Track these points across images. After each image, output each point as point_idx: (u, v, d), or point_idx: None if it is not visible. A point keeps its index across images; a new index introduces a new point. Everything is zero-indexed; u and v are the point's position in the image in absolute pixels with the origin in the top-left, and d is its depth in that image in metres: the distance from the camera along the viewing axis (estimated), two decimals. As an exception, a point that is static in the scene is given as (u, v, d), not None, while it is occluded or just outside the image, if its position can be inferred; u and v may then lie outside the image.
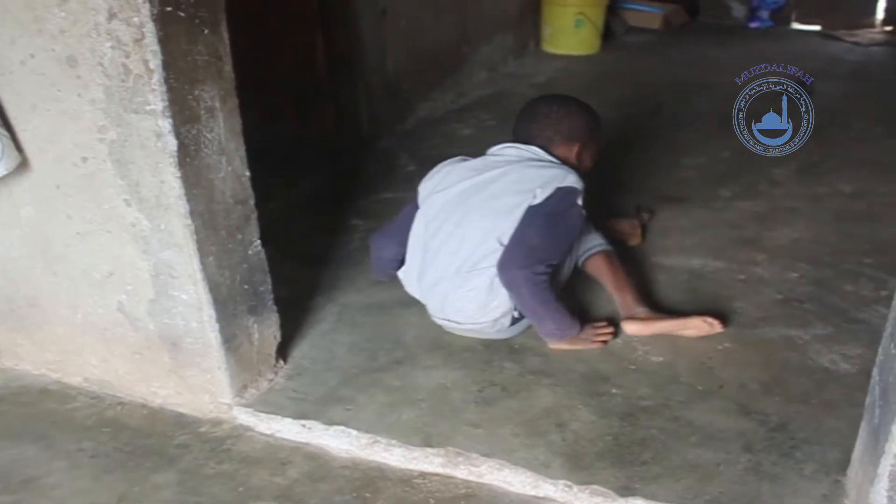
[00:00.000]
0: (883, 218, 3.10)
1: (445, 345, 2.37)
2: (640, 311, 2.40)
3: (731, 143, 3.82)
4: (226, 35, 1.89)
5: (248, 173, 2.02)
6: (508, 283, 2.23)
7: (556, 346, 2.33)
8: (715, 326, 2.37)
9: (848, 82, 4.91)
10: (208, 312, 1.97)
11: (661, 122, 4.30)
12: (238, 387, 2.12)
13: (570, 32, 5.61)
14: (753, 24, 6.39)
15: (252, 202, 2.05)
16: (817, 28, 6.24)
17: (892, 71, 5.34)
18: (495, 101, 4.61)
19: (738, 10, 6.54)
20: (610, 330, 2.37)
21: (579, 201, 2.34)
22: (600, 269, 2.49)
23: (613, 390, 2.17)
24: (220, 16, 1.86)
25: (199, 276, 1.92)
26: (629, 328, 2.38)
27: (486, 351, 2.34)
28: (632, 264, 2.74)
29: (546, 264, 2.23)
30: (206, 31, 1.81)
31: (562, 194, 2.31)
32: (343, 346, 2.37)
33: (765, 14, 6.35)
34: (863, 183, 3.42)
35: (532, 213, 2.27)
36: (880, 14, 6.34)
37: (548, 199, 2.29)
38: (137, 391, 2.21)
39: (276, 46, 3.79)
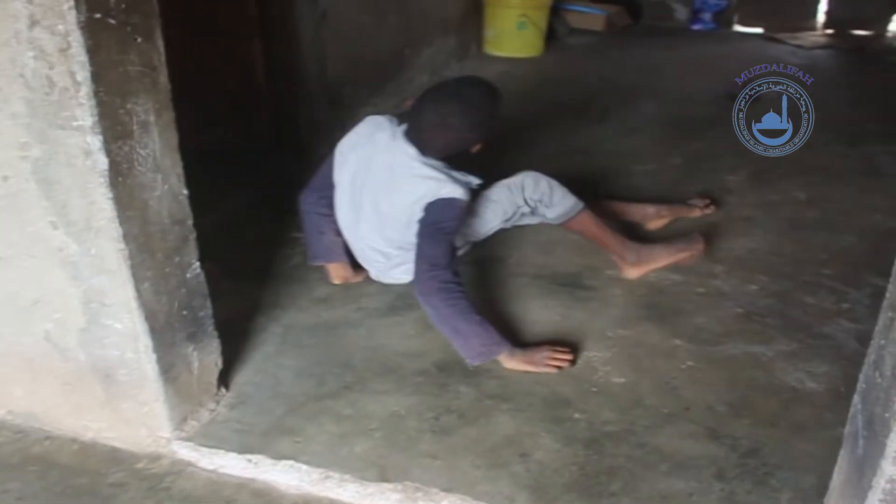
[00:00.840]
0: (838, 226, 3.06)
1: (397, 367, 2.25)
2: (632, 256, 2.67)
3: (682, 148, 3.81)
4: (160, 43, 1.75)
5: (185, 191, 1.88)
6: (423, 299, 2.24)
7: (510, 366, 2.24)
8: (700, 244, 2.73)
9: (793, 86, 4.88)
10: (144, 342, 1.82)
11: (608, 127, 4.23)
12: (177, 419, 1.98)
13: (513, 34, 5.53)
14: (696, 27, 6.39)
15: (190, 222, 1.91)
16: (759, 31, 6.25)
17: (836, 74, 5.35)
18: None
19: (681, 13, 6.54)
20: (568, 357, 2.28)
21: (459, 207, 2.36)
22: (588, 229, 2.71)
23: (576, 415, 2.07)
24: (153, 23, 1.72)
25: (133, 303, 1.77)
26: (630, 274, 2.68)
27: (441, 374, 2.23)
28: (592, 276, 2.67)
29: (443, 268, 2.24)
30: (138, 40, 1.67)
31: (440, 206, 2.33)
32: (289, 371, 2.24)
33: (707, 16, 6.35)
34: (816, 190, 3.38)
35: (420, 227, 2.33)
36: (821, 17, 6.37)
37: (427, 212, 2.34)
38: (67, 425, 2.05)
39: (213, 51, 3.63)
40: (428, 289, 2.22)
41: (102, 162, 1.63)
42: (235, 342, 2.31)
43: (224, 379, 2.15)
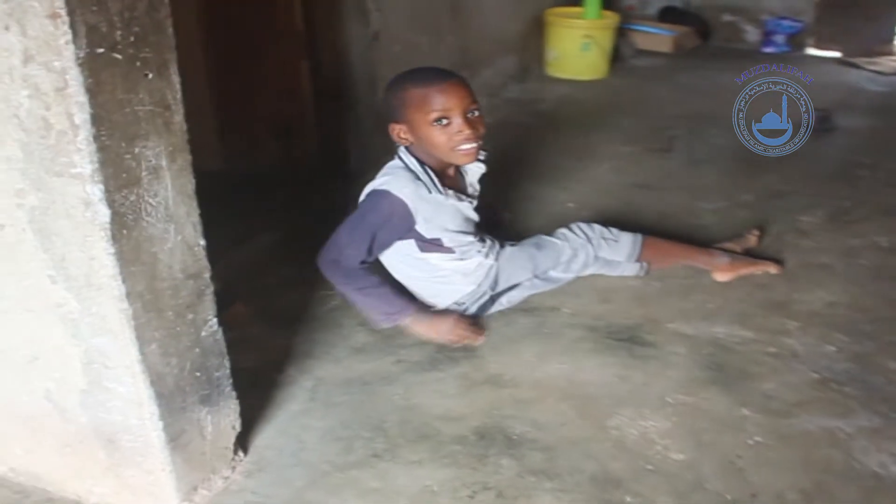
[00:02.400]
0: (926, 279, 2.79)
1: (433, 433, 2.04)
2: (723, 258, 2.79)
3: (754, 184, 3.55)
4: (176, 79, 1.58)
5: (202, 242, 1.70)
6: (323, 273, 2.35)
7: (417, 331, 2.35)
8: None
9: (872, 116, 4.59)
10: (150, 409, 1.65)
11: (673, 157, 3.98)
12: (186, 489, 1.79)
13: (577, 56, 5.31)
14: (768, 49, 6.09)
15: (207, 275, 1.73)
16: (836, 55, 5.94)
17: (919, 104, 5.03)
18: (495, 130, 4.28)
19: (752, 34, 6.25)
20: (476, 336, 2.38)
21: (386, 199, 2.28)
22: (664, 248, 2.79)
23: (628, 498, 1.84)
24: (168, 56, 1.55)
25: (138, 367, 1.59)
26: (723, 277, 2.75)
27: (480, 442, 2.01)
28: (652, 329, 2.46)
29: (349, 261, 2.31)
30: (149, 76, 1.50)
31: (369, 197, 2.33)
32: (315, 433, 2.04)
33: (780, 39, 6.04)
34: (899, 235, 3.11)
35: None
36: (902, 42, 6.04)
37: (361, 202, 2.36)
38: (69, 487, 1.88)
39: (258, 71, 3.49)
40: (326, 270, 2.35)
41: (104, 213, 1.45)
42: (260, 397, 2.14)
43: (243, 440, 1.97)
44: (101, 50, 1.38)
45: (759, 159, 3.85)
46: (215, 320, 1.77)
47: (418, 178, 2.29)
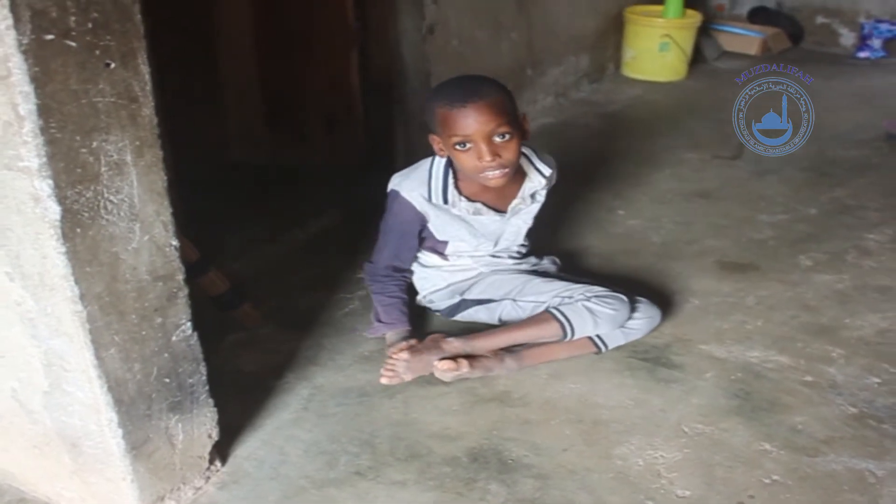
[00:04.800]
0: None
1: (424, 452, 1.92)
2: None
3: (821, 197, 3.34)
4: (144, 69, 1.48)
5: (174, 242, 1.61)
6: None
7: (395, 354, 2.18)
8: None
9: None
10: (107, 415, 1.56)
11: (741, 166, 3.77)
12: (151, 499, 1.71)
13: (654, 56, 5.10)
14: (862, 54, 5.76)
15: (180, 277, 1.64)
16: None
17: None
18: (558, 132, 4.15)
19: (847, 38, 5.92)
20: (399, 359, 2.12)
21: (396, 201, 2.25)
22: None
23: (619, 541, 1.70)
24: (135, 44, 1.44)
25: (93, 372, 1.51)
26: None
27: (472, 465, 1.89)
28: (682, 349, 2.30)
29: (375, 262, 2.34)
30: (111, 66, 1.41)
31: (388, 197, 2.30)
32: (300, 446, 1.94)
33: (877, 43, 5.71)
34: (972, 262, 2.86)
35: None
36: None
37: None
38: (41, 489, 1.82)
39: (308, 62, 3.41)
40: (364, 271, 2.39)
41: (54, 210, 1.37)
42: (252, 403, 2.06)
43: (224, 448, 1.89)
44: (51, 36, 1.29)
45: (830, 171, 3.63)
46: (189, 324, 1.68)
47: (430, 182, 2.21)
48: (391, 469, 1.87)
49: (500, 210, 2.30)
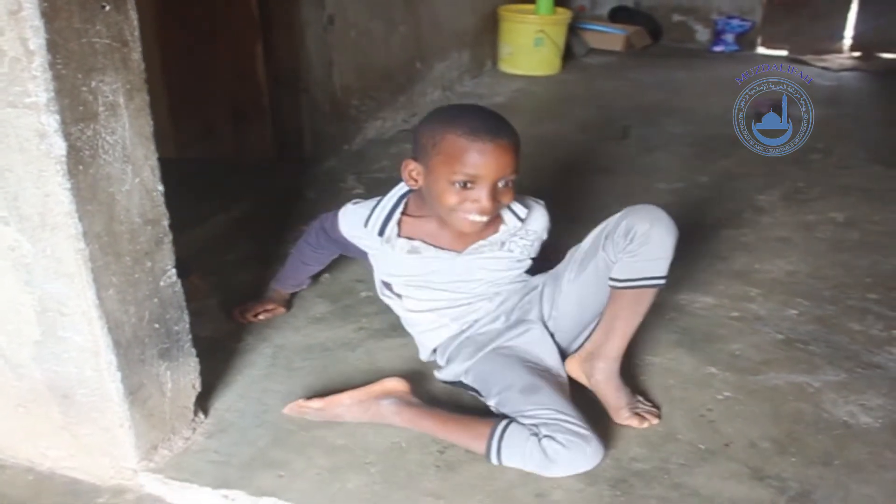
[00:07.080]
0: (881, 249, 2.81)
1: (401, 392, 2.00)
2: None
3: (709, 167, 3.58)
4: (133, 15, 1.53)
5: (160, 187, 1.64)
6: None
7: None
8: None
9: (823, 107, 4.63)
10: (107, 358, 1.58)
11: (630, 145, 4.00)
12: (146, 448, 1.73)
13: (530, 51, 5.33)
14: (717, 48, 6.17)
15: (166, 222, 1.67)
16: (783, 53, 6.02)
17: (865, 96, 5.12)
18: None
19: (702, 34, 6.33)
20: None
21: (336, 219, 2.16)
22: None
23: (601, 451, 1.81)
24: (125, -10, 1.49)
25: (94, 312, 1.53)
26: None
27: (449, 399, 1.98)
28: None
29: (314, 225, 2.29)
30: (106, 8, 1.45)
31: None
32: (277, 397, 1.98)
33: (730, 38, 6.13)
34: (854, 211, 3.14)
35: None
36: (848, 40, 6.14)
37: None
38: (22, 452, 1.80)
39: (212, 55, 3.42)
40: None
41: (60, 146, 1.39)
42: (219, 363, 2.07)
43: (203, 404, 1.91)
44: (58, -27, 1.33)
45: (714, 146, 3.90)
46: (174, 271, 1.71)
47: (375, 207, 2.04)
48: (372, 408, 1.93)
49: (452, 249, 2.00)
